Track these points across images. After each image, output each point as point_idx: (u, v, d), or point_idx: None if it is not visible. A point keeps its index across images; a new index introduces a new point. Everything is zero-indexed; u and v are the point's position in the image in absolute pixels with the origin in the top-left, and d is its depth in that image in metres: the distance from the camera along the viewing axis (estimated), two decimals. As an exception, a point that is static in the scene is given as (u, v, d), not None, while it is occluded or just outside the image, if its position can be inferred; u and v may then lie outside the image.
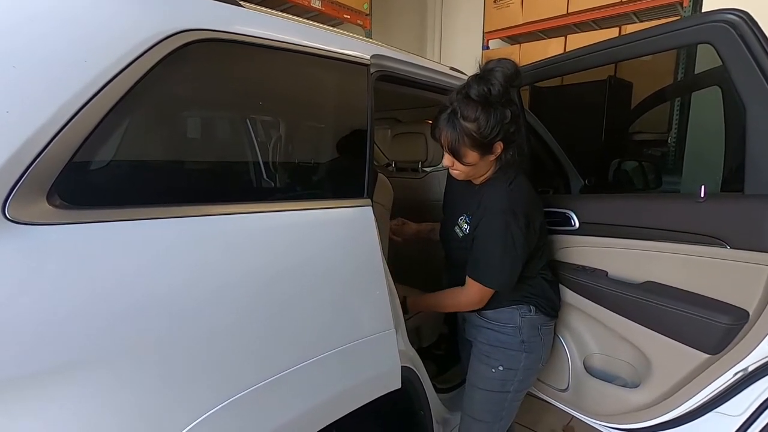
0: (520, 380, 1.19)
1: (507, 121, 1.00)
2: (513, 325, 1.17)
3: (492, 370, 1.19)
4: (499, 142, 1.03)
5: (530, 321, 1.18)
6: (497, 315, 1.19)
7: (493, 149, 1.04)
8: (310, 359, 0.87)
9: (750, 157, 0.96)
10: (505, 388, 1.19)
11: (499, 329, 1.18)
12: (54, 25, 0.60)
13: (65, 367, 0.58)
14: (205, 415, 0.71)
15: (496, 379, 1.19)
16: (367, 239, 1.00)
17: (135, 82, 0.66)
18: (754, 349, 0.98)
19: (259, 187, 0.91)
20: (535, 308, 1.18)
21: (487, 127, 0.99)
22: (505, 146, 1.05)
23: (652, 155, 2.69)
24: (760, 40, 0.92)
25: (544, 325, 1.21)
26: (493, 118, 0.98)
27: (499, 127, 0.99)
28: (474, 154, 1.03)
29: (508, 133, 1.02)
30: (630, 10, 2.84)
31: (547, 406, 1.56)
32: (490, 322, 1.20)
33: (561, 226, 1.36)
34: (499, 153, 1.06)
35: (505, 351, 1.18)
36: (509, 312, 1.18)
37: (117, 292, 0.62)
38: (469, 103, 0.99)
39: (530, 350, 1.19)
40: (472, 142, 1.01)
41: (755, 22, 0.93)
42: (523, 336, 1.17)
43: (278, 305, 0.82)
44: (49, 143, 0.57)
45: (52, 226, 0.58)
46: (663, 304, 1.09)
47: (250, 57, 0.85)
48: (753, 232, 0.95)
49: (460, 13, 4.05)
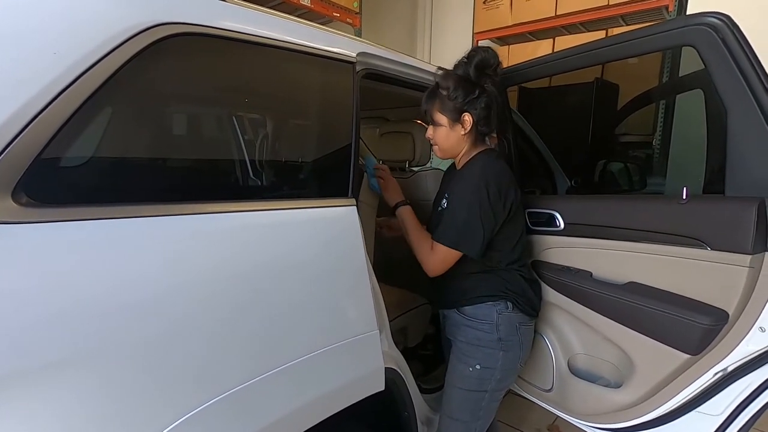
0: (497, 379, 1.19)
1: (475, 97, 1.11)
2: (490, 321, 1.17)
3: (469, 368, 1.19)
4: (467, 114, 1.13)
5: (508, 318, 1.18)
6: (475, 311, 1.19)
7: (461, 119, 1.14)
8: (291, 361, 0.85)
9: (730, 159, 0.98)
10: (482, 387, 1.19)
11: (476, 326, 1.18)
12: (21, 16, 0.57)
13: (36, 369, 0.56)
14: (187, 415, 0.69)
15: (473, 377, 1.19)
16: (351, 239, 0.99)
17: (108, 76, 0.64)
18: (734, 350, 0.99)
19: (239, 185, 0.90)
20: (512, 305, 1.18)
21: (455, 93, 1.12)
22: (475, 122, 1.13)
23: (637, 157, 2.73)
24: (741, 43, 0.93)
25: (522, 324, 1.21)
26: (462, 89, 1.11)
27: (466, 97, 1.11)
28: (443, 117, 1.15)
29: (478, 108, 1.12)
30: (617, 14, 2.87)
31: (531, 405, 1.56)
32: (468, 319, 1.20)
33: (546, 227, 1.36)
34: (469, 127, 1.14)
35: (483, 349, 1.18)
36: (486, 308, 1.18)
37: (89, 293, 0.60)
38: (447, 76, 1.15)
39: (507, 349, 1.18)
40: (441, 104, 1.14)
41: (736, 25, 0.94)
42: (501, 334, 1.17)
43: (259, 306, 0.81)
44: (13, 139, 0.54)
45: (17, 224, 0.55)
46: (645, 305, 1.10)
47: (232, 52, 0.84)
48: (732, 234, 0.96)
49: (450, 13, 4.06)
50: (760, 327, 0.95)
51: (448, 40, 4.08)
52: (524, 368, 1.47)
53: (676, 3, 2.64)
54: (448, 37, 4.08)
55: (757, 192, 0.94)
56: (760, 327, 0.95)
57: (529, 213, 1.39)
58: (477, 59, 1.11)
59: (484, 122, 1.15)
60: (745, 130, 0.94)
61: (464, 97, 1.11)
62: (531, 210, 1.39)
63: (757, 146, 0.93)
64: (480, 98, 1.11)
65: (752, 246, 0.93)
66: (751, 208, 0.92)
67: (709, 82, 0.99)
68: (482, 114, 1.13)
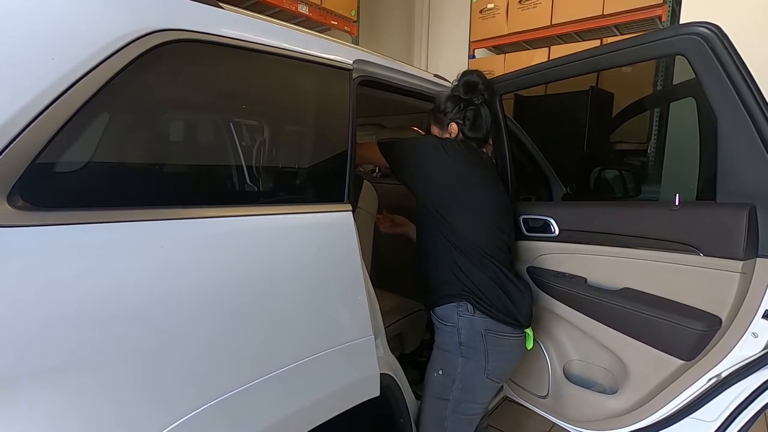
0: (459, 389, 1.14)
1: (461, 108, 1.26)
2: (452, 323, 1.15)
3: (434, 374, 1.18)
4: (453, 123, 1.26)
5: (469, 322, 1.13)
6: (443, 312, 1.18)
7: (449, 128, 1.27)
8: (287, 366, 0.85)
9: (721, 166, 0.99)
10: (443, 395, 1.16)
11: (443, 329, 1.18)
12: (20, 21, 0.58)
13: (31, 374, 0.56)
14: (183, 419, 0.69)
15: (435, 384, 1.18)
16: (347, 244, 0.99)
17: (106, 82, 0.64)
18: (727, 355, 0.99)
19: (235, 190, 0.90)
20: (473, 307, 1.12)
21: (444, 106, 1.28)
22: (460, 129, 1.26)
23: (631, 164, 2.75)
24: (731, 52, 0.94)
25: (490, 332, 1.13)
26: (451, 103, 1.27)
27: (453, 109, 1.26)
28: (435, 128, 1.31)
29: (464, 118, 1.25)
30: (611, 23, 2.91)
31: (527, 412, 1.56)
32: (438, 321, 1.20)
33: (541, 233, 1.37)
34: (455, 135, 1.26)
35: (445, 353, 1.16)
36: (450, 309, 1.16)
37: (85, 297, 0.61)
38: (441, 95, 1.33)
39: (468, 356, 1.13)
40: (434, 118, 1.32)
41: (726, 35, 0.96)
42: (461, 338, 1.13)
43: (255, 310, 0.81)
44: (10, 143, 0.55)
45: (13, 228, 0.56)
46: (639, 311, 1.11)
47: (229, 59, 0.85)
48: (724, 240, 0.97)
49: (447, 21, 4.10)
50: (753, 332, 0.96)
51: (444, 49, 4.11)
52: (519, 374, 1.47)
53: (669, 13, 2.67)
54: (444, 46, 4.12)
55: (748, 198, 0.95)
56: (752, 332, 0.96)
57: (525, 219, 1.40)
58: (464, 80, 1.28)
59: (471, 128, 1.25)
60: (735, 137, 0.96)
61: (452, 108, 1.26)
62: (526, 216, 1.40)
63: (747, 153, 0.94)
64: (466, 109, 1.25)
65: (743, 252, 0.94)
66: (741, 214, 0.93)
67: (700, 91, 1.00)
68: (469, 122, 1.25)
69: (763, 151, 0.92)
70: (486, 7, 3.41)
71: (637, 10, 2.76)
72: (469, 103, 1.25)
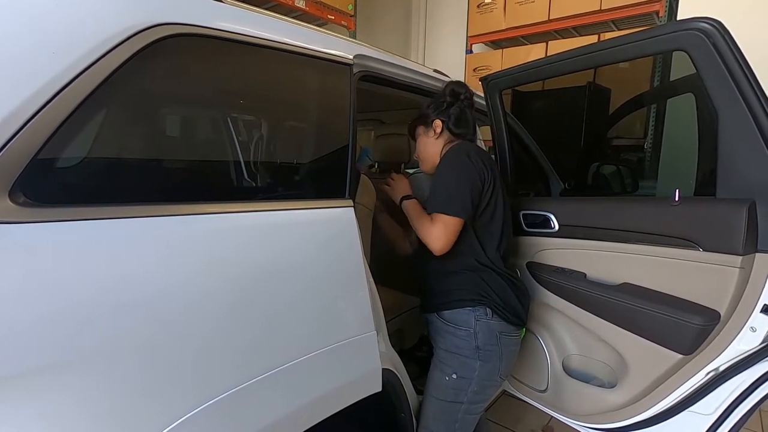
0: (474, 391, 1.15)
1: (444, 108, 1.29)
2: (468, 328, 1.14)
3: (446, 377, 1.16)
4: (437, 120, 1.28)
5: (487, 326, 1.14)
6: (454, 316, 1.17)
7: (433, 124, 1.29)
8: (289, 362, 0.85)
9: (721, 162, 0.99)
10: (458, 398, 1.16)
11: (454, 332, 1.16)
12: (20, 15, 0.57)
13: (31, 371, 0.56)
14: (184, 417, 0.69)
15: (449, 387, 1.16)
16: (349, 240, 0.99)
17: (106, 77, 0.64)
18: (725, 350, 1.00)
19: (237, 186, 0.89)
20: (492, 311, 1.14)
21: (428, 108, 1.31)
22: (445, 125, 1.28)
23: (629, 160, 2.76)
24: (732, 48, 0.94)
25: (504, 334, 1.16)
26: (435, 104, 1.31)
27: (437, 108, 1.29)
28: (420, 128, 1.33)
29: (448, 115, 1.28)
30: (608, 18, 2.91)
31: (526, 406, 1.57)
32: (447, 324, 1.18)
33: (541, 229, 1.37)
34: (440, 131, 1.28)
35: (459, 357, 1.15)
36: (465, 314, 1.15)
37: (85, 293, 0.60)
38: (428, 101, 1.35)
39: (485, 359, 1.14)
40: (420, 119, 1.33)
41: (727, 30, 0.96)
42: (478, 342, 1.14)
43: (256, 307, 0.81)
44: (11, 138, 0.54)
45: (14, 224, 0.55)
46: (638, 306, 1.12)
47: (229, 54, 0.84)
48: (723, 235, 0.97)
49: (444, 16, 4.08)
50: (751, 327, 0.97)
51: (442, 43, 4.10)
52: (519, 369, 1.48)
53: (667, 9, 2.68)
54: (442, 40, 4.10)
55: (748, 194, 0.95)
56: (751, 327, 0.97)
57: (524, 215, 1.40)
58: (449, 89, 1.32)
59: (455, 123, 1.27)
60: (736, 132, 0.96)
61: (435, 108, 1.30)
62: (526, 212, 1.40)
63: (748, 149, 0.95)
64: (450, 108, 1.28)
65: (743, 247, 0.95)
66: (741, 210, 0.94)
67: (700, 86, 1.00)
68: (453, 119, 1.28)
69: (764, 147, 0.92)
70: (484, 1, 3.40)
71: (634, 5, 2.76)
72: (452, 105, 1.29)
